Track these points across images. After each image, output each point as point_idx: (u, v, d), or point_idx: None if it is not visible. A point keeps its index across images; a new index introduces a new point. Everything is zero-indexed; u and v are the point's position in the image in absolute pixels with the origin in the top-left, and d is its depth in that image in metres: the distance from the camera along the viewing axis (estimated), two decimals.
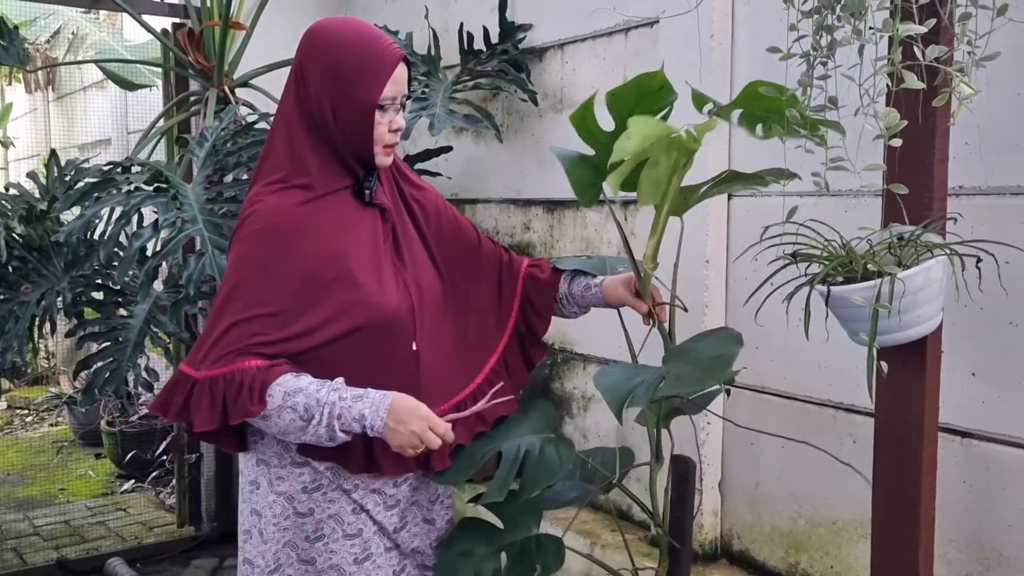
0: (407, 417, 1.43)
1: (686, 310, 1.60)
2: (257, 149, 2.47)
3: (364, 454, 1.51)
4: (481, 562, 1.57)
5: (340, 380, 1.47)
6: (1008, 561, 1.62)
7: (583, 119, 1.54)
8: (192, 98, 3.20)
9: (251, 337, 1.43)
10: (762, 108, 1.37)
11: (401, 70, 1.50)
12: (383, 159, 1.54)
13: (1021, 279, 1.53)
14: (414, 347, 1.55)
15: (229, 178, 2.47)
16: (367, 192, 1.54)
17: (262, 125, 2.72)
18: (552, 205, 2.72)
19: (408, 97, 1.56)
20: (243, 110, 2.94)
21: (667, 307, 1.58)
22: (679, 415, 1.66)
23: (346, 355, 1.49)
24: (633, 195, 2.41)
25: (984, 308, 1.59)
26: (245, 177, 2.47)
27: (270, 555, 1.57)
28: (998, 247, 1.44)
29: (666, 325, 1.59)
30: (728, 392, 2.08)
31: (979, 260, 1.40)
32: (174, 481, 3.73)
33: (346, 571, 1.56)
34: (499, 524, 1.66)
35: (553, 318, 1.75)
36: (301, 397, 1.41)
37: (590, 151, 1.60)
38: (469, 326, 1.67)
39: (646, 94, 1.48)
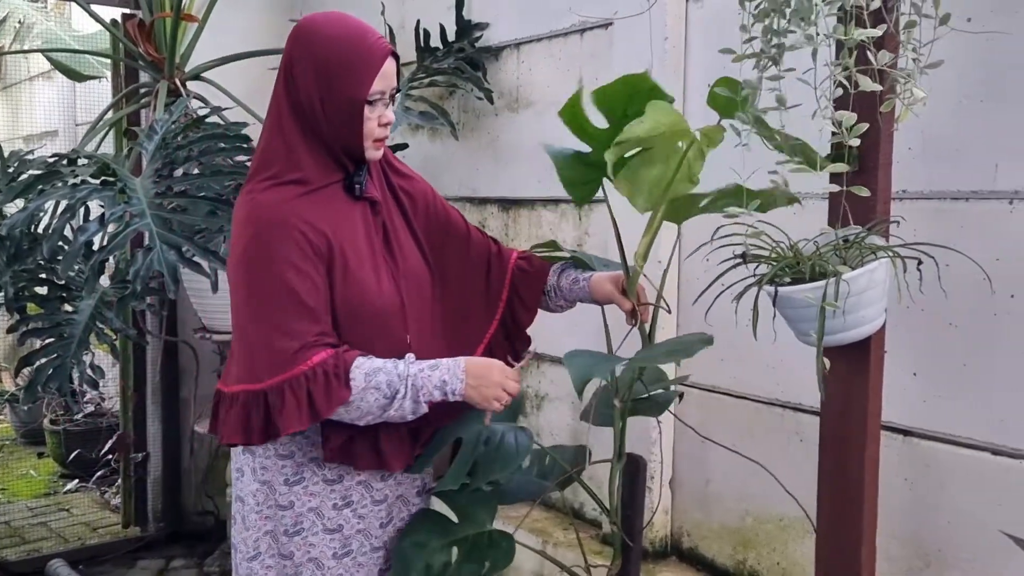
0: (484, 371, 1.48)
1: (669, 311, 1.62)
2: (209, 143, 2.43)
3: (372, 450, 1.53)
4: (433, 554, 1.58)
5: (411, 355, 1.50)
6: (946, 557, 1.67)
7: (573, 116, 1.54)
8: (142, 90, 3.14)
9: (311, 331, 1.44)
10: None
11: (390, 64, 1.51)
12: (373, 153, 1.54)
13: (961, 281, 1.57)
14: (408, 340, 1.56)
15: (179, 172, 2.43)
16: (357, 187, 1.54)
17: (214, 119, 2.68)
18: (507, 204, 2.73)
19: (397, 91, 1.56)
20: (194, 103, 2.89)
21: (651, 308, 1.61)
22: (637, 415, 1.68)
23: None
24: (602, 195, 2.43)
25: (925, 309, 1.63)
26: (196, 171, 2.43)
27: (251, 542, 1.59)
28: (939, 250, 1.48)
29: (647, 326, 1.62)
30: (681, 396, 2.11)
31: (920, 263, 1.44)
32: (120, 480, 3.66)
33: (325, 565, 1.57)
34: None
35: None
36: (382, 376, 1.44)
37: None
38: (458, 316, 1.69)
39: (637, 93, 1.48)
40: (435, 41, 2.76)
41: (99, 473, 4.09)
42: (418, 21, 2.79)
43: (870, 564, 1.49)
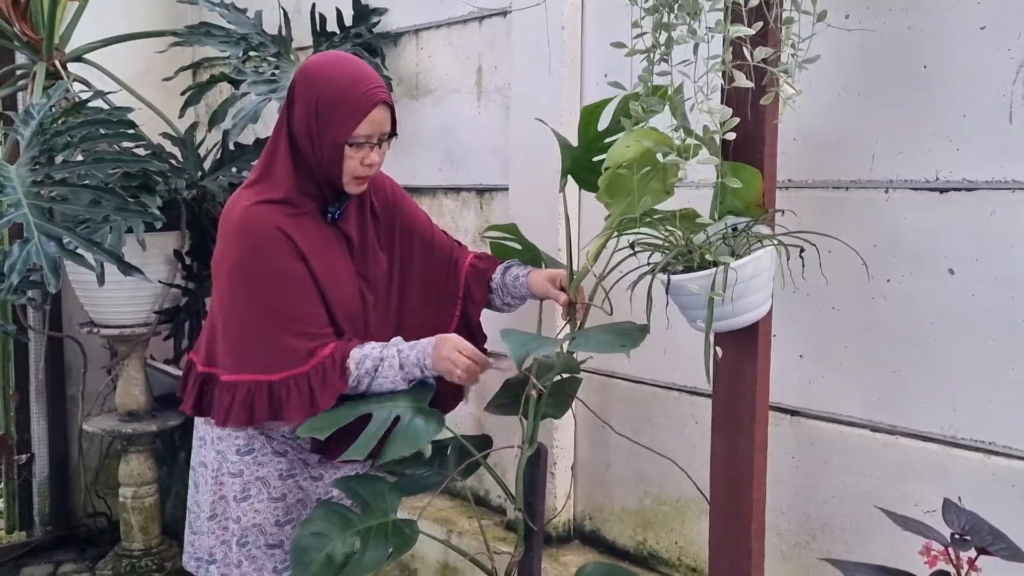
0: (439, 344, 1.64)
1: (610, 313, 1.68)
2: (91, 128, 2.32)
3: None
4: (335, 545, 1.57)
5: (398, 338, 1.72)
6: (831, 530, 1.75)
7: (588, 123, 1.68)
8: (18, 72, 2.97)
9: (319, 331, 1.65)
10: None
11: (379, 112, 1.65)
12: (352, 188, 1.71)
13: (842, 266, 1.64)
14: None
15: (59, 159, 2.31)
16: (329, 215, 1.72)
17: (97, 103, 2.56)
18: (408, 192, 2.70)
19: (392, 135, 1.71)
20: (76, 86, 2.76)
21: (587, 307, 1.72)
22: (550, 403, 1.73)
23: None
24: (494, 183, 2.43)
25: (810, 294, 1.70)
26: (80, 158, 2.32)
27: (207, 504, 1.80)
28: (821, 237, 1.55)
29: (578, 320, 1.72)
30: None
31: (803, 250, 1.50)
32: (2, 484, 3.48)
33: (267, 531, 1.76)
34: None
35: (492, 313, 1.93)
36: (368, 362, 1.64)
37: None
38: (427, 313, 1.87)
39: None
40: (332, 26, 2.70)
41: None
42: (313, 5, 2.73)
43: (760, 539, 1.55)
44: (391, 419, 1.63)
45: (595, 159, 1.71)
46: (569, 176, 1.78)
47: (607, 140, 1.67)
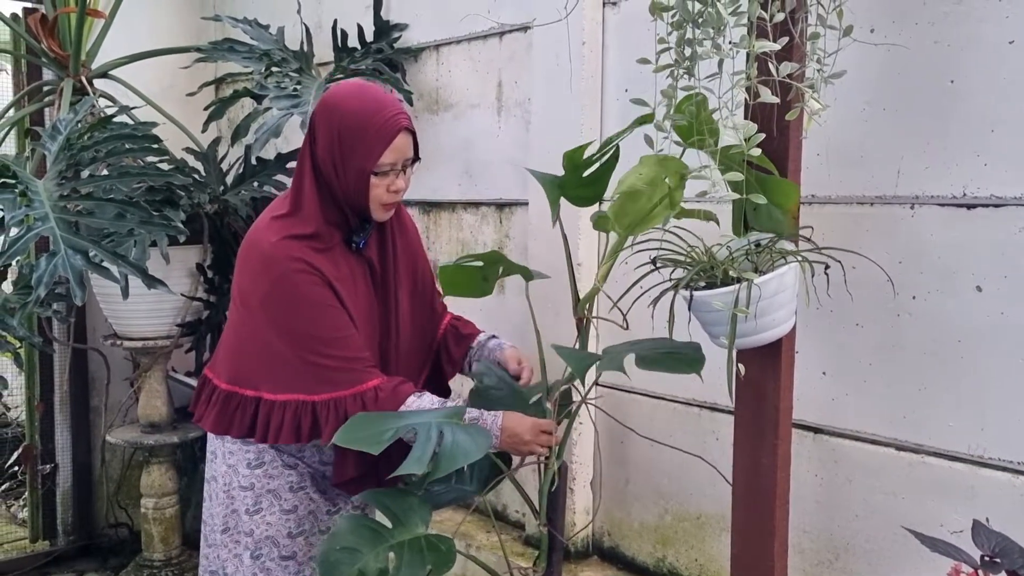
0: (516, 430, 1.65)
1: (626, 328, 1.69)
2: (116, 143, 2.35)
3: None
4: (367, 561, 1.54)
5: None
6: (854, 549, 1.72)
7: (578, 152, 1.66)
8: (45, 88, 3.01)
9: (361, 358, 1.67)
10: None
11: (402, 139, 1.66)
12: (380, 215, 1.72)
13: (866, 283, 1.62)
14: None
15: (85, 174, 2.34)
16: (355, 244, 1.73)
17: (122, 118, 2.59)
18: (428, 206, 2.71)
19: (415, 160, 1.72)
20: (102, 102, 2.79)
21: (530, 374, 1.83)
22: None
23: None
24: (514, 197, 2.43)
25: (834, 311, 1.69)
26: (105, 173, 2.34)
27: (219, 517, 1.81)
28: (845, 253, 1.53)
29: (584, 336, 1.76)
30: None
31: (827, 266, 1.49)
32: (27, 493, 3.51)
33: (280, 543, 1.78)
34: (384, 524, 1.64)
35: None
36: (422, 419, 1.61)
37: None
38: (411, 363, 1.88)
39: None
40: (353, 41, 2.72)
41: (4, 486, 3.91)
42: (335, 21, 2.75)
43: (782, 558, 1.53)
44: (438, 433, 1.57)
45: (585, 175, 1.68)
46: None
47: (596, 163, 1.65)
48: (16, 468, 3.84)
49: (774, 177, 1.39)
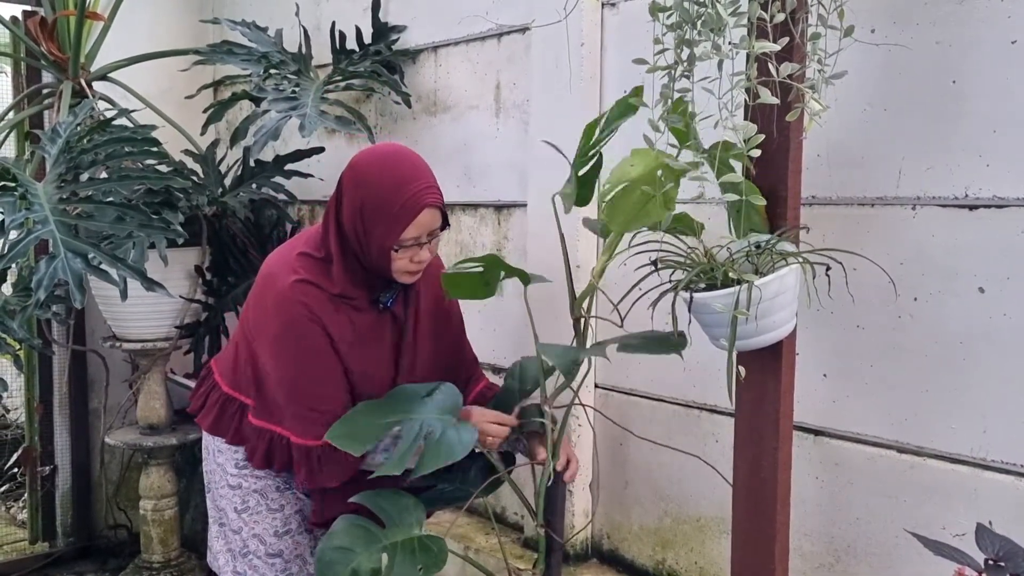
0: (472, 413, 1.70)
1: (621, 326, 1.68)
2: (116, 146, 2.34)
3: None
4: (360, 560, 1.56)
5: None
6: (856, 552, 1.72)
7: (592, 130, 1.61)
8: (45, 91, 3.01)
9: (324, 407, 1.70)
10: None
11: (426, 215, 1.64)
12: (405, 280, 1.72)
13: (867, 285, 1.62)
14: None
15: (85, 177, 2.33)
16: (382, 305, 1.75)
17: (122, 121, 2.58)
18: None
19: (444, 227, 1.72)
20: (101, 105, 2.79)
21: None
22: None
23: None
24: (512, 199, 2.43)
25: (835, 313, 1.68)
26: (104, 175, 2.34)
27: (214, 511, 1.90)
28: (846, 255, 1.53)
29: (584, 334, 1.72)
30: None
31: (828, 268, 1.48)
32: (26, 495, 3.50)
33: (267, 541, 1.83)
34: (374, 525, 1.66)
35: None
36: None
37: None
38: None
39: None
40: (351, 43, 2.71)
41: (4, 488, 3.91)
42: (333, 23, 2.74)
43: (783, 561, 1.53)
44: (423, 433, 1.62)
45: (580, 173, 1.68)
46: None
47: (590, 153, 1.63)
48: (15, 470, 3.84)
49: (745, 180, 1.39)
